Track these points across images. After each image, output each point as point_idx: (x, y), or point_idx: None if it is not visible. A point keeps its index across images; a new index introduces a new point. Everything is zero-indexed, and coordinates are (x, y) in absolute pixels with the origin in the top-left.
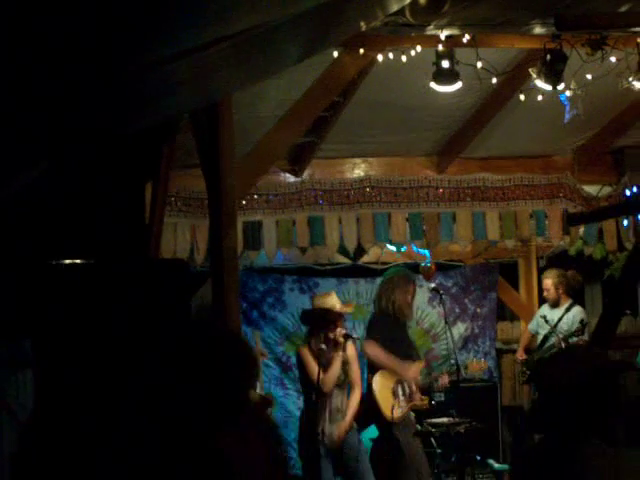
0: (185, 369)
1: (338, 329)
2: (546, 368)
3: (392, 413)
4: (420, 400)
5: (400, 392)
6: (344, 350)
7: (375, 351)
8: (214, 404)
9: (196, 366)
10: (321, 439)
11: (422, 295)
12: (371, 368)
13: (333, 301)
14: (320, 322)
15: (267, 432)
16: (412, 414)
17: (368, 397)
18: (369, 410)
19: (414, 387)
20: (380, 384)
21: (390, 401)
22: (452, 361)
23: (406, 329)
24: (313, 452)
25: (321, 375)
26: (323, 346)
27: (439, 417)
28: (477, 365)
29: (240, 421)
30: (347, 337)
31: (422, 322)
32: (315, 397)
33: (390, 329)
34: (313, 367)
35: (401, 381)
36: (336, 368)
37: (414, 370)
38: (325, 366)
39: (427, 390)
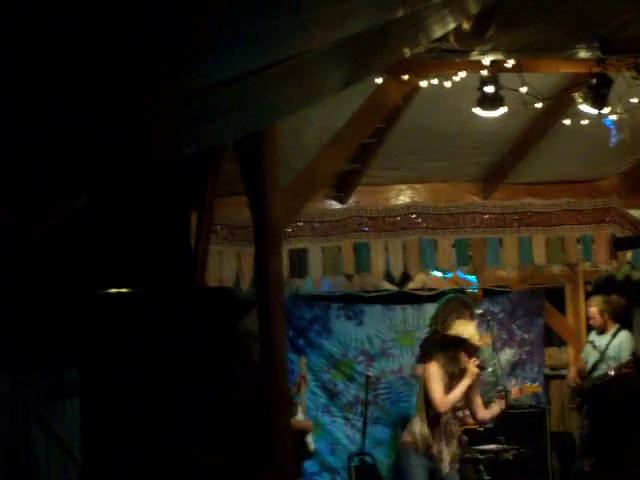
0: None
1: (474, 358)
2: (598, 395)
3: None
4: (473, 424)
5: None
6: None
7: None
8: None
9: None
10: (436, 459)
11: None
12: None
13: (471, 331)
14: (458, 347)
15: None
16: (465, 437)
17: None
18: None
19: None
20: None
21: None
22: (499, 387)
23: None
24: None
25: (443, 394)
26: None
27: (487, 444)
28: (530, 388)
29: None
30: (481, 368)
31: None
32: (430, 415)
33: (447, 357)
34: (439, 385)
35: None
36: (459, 392)
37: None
38: (451, 388)
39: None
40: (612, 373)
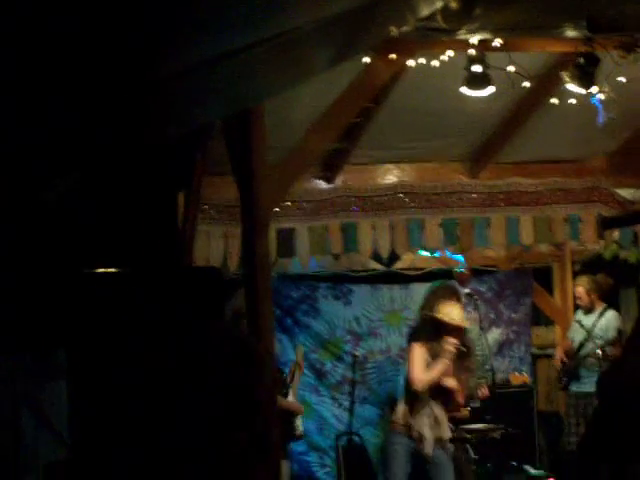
0: (203, 374)
1: (451, 338)
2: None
3: None
4: (459, 412)
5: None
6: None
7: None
8: (229, 405)
9: (212, 370)
10: (416, 440)
11: None
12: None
13: (457, 314)
14: (443, 329)
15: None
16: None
17: None
18: None
19: (459, 399)
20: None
21: None
22: (487, 367)
23: None
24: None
25: (421, 373)
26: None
27: (474, 423)
28: (520, 378)
29: (255, 422)
30: (461, 351)
31: None
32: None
33: (431, 339)
34: (419, 364)
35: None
36: (435, 371)
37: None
38: (430, 366)
39: (467, 400)
40: (599, 352)
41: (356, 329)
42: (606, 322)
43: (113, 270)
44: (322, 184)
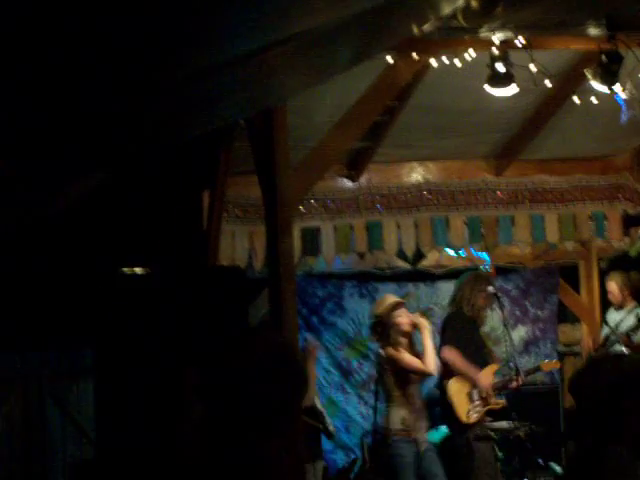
0: (238, 375)
1: (403, 319)
2: (579, 376)
3: (467, 417)
4: (495, 404)
5: (476, 397)
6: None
7: (453, 357)
8: (263, 412)
9: (249, 373)
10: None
11: None
12: (445, 373)
13: (388, 300)
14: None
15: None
16: (489, 418)
17: (442, 400)
18: (442, 413)
19: (490, 391)
20: (456, 389)
21: (466, 405)
22: (511, 364)
23: (479, 331)
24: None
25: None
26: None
27: (499, 421)
28: (550, 364)
29: (287, 430)
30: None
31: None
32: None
33: (468, 330)
34: (409, 357)
35: (476, 385)
36: (429, 349)
37: (488, 377)
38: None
39: (498, 392)
40: (624, 349)
41: None
42: (634, 319)
43: (138, 270)
44: (347, 183)
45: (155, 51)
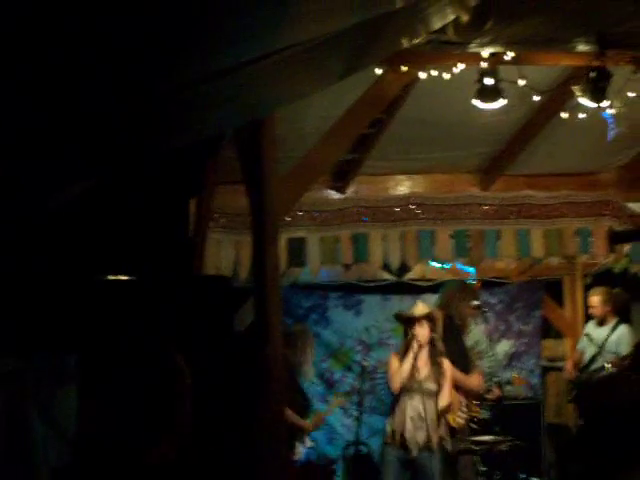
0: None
1: (418, 330)
2: (591, 394)
3: (455, 422)
4: (477, 412)
5: (463, 403)
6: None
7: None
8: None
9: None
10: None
11: None
12: None
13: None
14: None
15: None
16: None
17: None
18: None
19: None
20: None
21: (456, 411)
22: (495, 379)
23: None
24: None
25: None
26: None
27: (482, 435)
28: (519, 380)
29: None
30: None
31: (467, 339)
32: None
33: (454, 338)
34: (394, 368)
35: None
36: (405, 368)
37: (478, 379)
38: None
39: (478, 400)
40: (609, 366)
41: (366, 339)
42: (618, 337)
43: (123, 277)
44: (333, 194)
45: (146, 62)
